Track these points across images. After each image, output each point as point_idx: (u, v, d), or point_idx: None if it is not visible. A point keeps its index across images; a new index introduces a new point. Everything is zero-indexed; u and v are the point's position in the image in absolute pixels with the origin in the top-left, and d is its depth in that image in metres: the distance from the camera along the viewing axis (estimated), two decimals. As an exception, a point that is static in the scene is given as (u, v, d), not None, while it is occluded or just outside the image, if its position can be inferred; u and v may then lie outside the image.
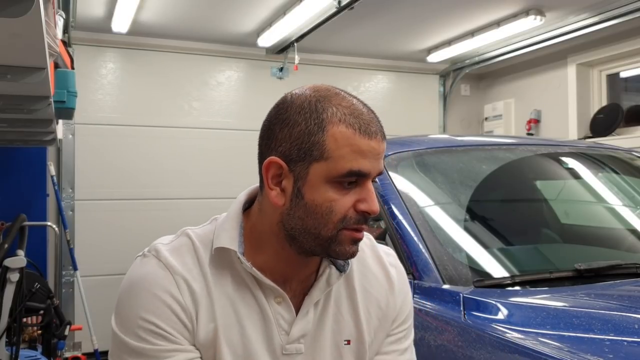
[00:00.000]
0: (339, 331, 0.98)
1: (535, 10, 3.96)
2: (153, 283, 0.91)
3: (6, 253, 2.73)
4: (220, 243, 0.93)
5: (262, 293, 0.94)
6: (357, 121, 0.89)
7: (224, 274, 0.93)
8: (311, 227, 0.89)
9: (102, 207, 4.42)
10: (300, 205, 0.89)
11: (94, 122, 4.43)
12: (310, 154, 0.88)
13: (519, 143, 2.33)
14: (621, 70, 4.57)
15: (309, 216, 0.89)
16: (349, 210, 0.89)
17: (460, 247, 1.69)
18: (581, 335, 1.21)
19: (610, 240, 1.98)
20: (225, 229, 0.95)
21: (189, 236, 0.97)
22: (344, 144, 0.87)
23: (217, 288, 0.92)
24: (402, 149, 2.09)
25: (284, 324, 0.94)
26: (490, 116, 5.43)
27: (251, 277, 0.93)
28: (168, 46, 4.62)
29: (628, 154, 2.36)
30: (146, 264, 0.94)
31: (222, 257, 0.94)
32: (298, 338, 0.95)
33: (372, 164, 0.89)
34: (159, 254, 0.94)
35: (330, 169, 0.87)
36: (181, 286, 0.91)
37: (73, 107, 2.62)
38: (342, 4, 3.58)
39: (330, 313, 0.98)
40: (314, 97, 0.91)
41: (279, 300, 0.94)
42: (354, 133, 0.88)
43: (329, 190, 0.88)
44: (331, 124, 0.88)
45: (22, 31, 1.17)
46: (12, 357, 2.85)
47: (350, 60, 5.19)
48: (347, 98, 0.92)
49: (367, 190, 0.90)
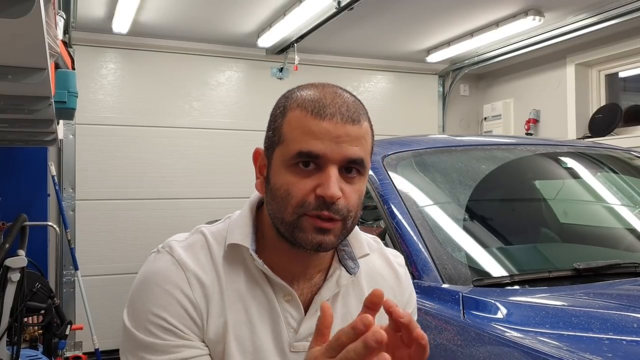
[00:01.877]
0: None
1: (534, 10, 3.97)
2: (165, 279, 0.92)
3: (7, 253, 2.74)
4: (232, 239, 0.94)
5: (272, 290, 0.94)
6: (313, 104, 0.89)
7: (236, 270, 0.95)
8: (277, 212, 0.91)
9: (102, 207, 4.43)
10: (269, 190, 0.93)
11: (95, 123, 4.43)
12: (274, 140, 0.92)
13: (518, 143, 2.33)
14: (620, 70, 4.57)
15: (274, 200, 0.91)
16: (308, 194, 0.88)
17: (459, 247, 1.70)
18: (580, 335, 1.22)
19: (609, 240, 1.99)
20: (238, 225, 0.96)
21: (203, 233, 0.98)
22: (295, 126, 0.89)
23: (229, 284, 0.93)
24: (402, 148, 2.10)
25: (293, 322, 0.95)
26: (489, 116, 5.44)
27: (262, 275, 0.94)
28: (168, 47, 4.62)
29: (627, 154, 2.37)
30: (159, 259, 0.95)
31: (234, 253, 0.95)
32: (306, 336, 0.95)
33: (327, 146, 0.87)
34: (173, 251, 0.95)
35: (284, 152, 0.89)
36: (192, 283, 0.92)
37: (74, 107, 2.62)
38: (341, 5, 3.59)
39: (338, 313, 0.98)
40: (294, 88, 0.95)
41: (288, 298, 0.95)
42: (306, 115, 0.89)
43: (287, 173, 0.89)
44: (290, 110, 0.91)
45: (22, 32, 1.17)
46: (13, 356, 2.85)
47: (350, 61, 5.20)
48: (323, 88, 0.93)
49: (326, 174, 0.87)
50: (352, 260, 1.00)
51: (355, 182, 0.91)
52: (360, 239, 1.02)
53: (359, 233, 1.02)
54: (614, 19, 3.87)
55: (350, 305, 1.00)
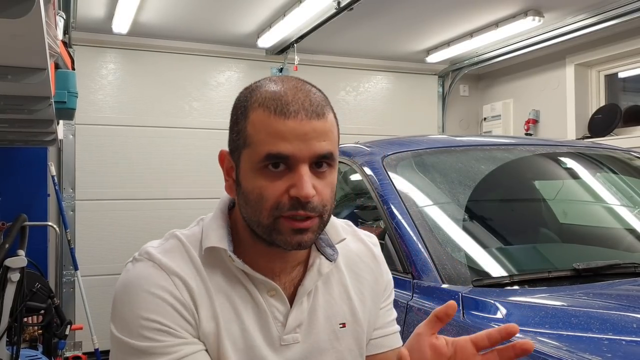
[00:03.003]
0: (333, 316, 0.99)
1: (533, 10, 3.97)
2: (150, 283, 0.90)
3: (7, 253, 2.74)
4: (209, 243, 0.93)
5: (256, 288, 0.94)
6: (275, 103, 0.87)
7: (217, 271, 0.93)
8: (252, 215, 0.90)
9: (102, 207, 4.43)
10: (240, 194, 0.92)
11: (95, 123, 4.43)
12: (239, 142, 0.90)
13: (518, 143, 2.33)
14: (619, 71, 4.58)
15: (247, 204, 0.90)
16: (281, 196, 0.87)
17: (459, 247, 1.70)
18: (579, 335, 1.22)
19: (609, 240, 1.99)
20: (212, 228, 0.95)
21: (177, 238, 0.96)
22: (260, 127, 0.87)
23: (214, 285, 0.92)
24: (401, 149, 2.10)
25: (279, 316, 0.95)
26: (489, 116, 5.44)
27: (243, 274, 0.94)
28: (168, 47, 4.62)
29: (626, 154, 2.37)
30: (139, 266, 0.92)
31: (213, 256, 0.93)
32: (294, 328, 0.95)
33: (295, 146, 0.85)
34: (152, 256, 0.92)
35: (252, 155, 0.87)
36: (179, 285, 0.90)
37: (74, 107, 2.62)
38: (341, 5, 3.59)
39: (322, 300, 0.99)
40: (253, 86, 0.93)
41: (272, 293, 0.94)
42: (269, 115, 0.86)
43: (258, 177, 0.88)
44: (252, 110, 0.89)
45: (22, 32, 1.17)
46: (13, 356, 2.85)
47: (349, 61, 5.20)
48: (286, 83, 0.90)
49: (297, 174, 0.86)
50: (330, 247, 1.00)
51: (327, 176, 0.90)
52: (335, 224, 1.02)
53: (332, 219, 1.00)
54: (613, 20, 3.88)
55: (332, 291, 1.01)
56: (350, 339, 1.01)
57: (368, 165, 2.01)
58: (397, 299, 1.57)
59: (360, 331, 1.02)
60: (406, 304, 1.53)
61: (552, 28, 4.24)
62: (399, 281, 1.63)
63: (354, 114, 5.25)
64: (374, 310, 1.06)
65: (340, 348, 0.99)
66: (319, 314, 0.98)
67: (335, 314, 1.00)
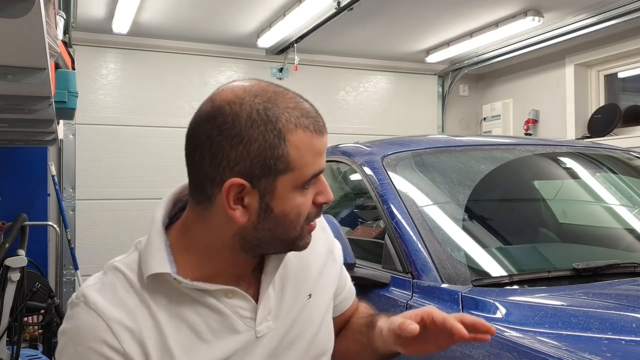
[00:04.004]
0: (299, 291, 1.01)
1: (533, 10, 3.97)
2: (86, 336, 0.84)
3: (7, 252, 2.74)
4: (150, 270, 0.88)
5: (211, 297, 0.91)
6: (310, 122, 0.86)
7: (165, 297, 0.89)
8: (281, 235, 0.89)
9: (102, 206, 4.43)
10: (269, 219, 0.87)
11: (95, 122, 4.44)
12: (275, 168, 0.84)
13: (517, 143, 2.34)
14: (619, 71, 4.58)
15: (279, 226, 0.88)
16: (310, 207, 0.90)
17: (458, 247, 1.70)
18: (579, 334, 1.22)
19: (608, 240, 1.99)
20: (150, 253, 0.89)
21: (117, 269, 0.91)
22: (305, 150, 0.85)
23: (164, 312, 0.88)
24: (401, 149, 2.10)
25: (246, 312, 0.93)
26: (489, 116, 5.45)
27: (193, 290, 0.90)
28: (168, 47, 4.63)
29: (626, 154, 2.37)
30: (76, 314, 0.87)
31: (157, 281, 0.88)
32: (265, 316, 0.95)
33: (324, 158, 0.89)
34: (87, 300, 0.86)
35: (297, 178, 0.86)
36: (117, 332, 0.84)
37: (74, 107, 2.62)
38: (341, 5, 3.60)
39: (286, 279, 1.00)
40: (259, 104, 0.85)
41: (230, 295, 0.92)
42: (312, 136, 0.86)
43: (296, 196, 0.87)
44: (289, 132, 0.84)
45: (22, 32, 1.17)
46: (13, 356, 2.85)
47: (349, 61, 5.20)
48: (288, 95, 0.88)
49: (322, 182, 0.90)
50: None
51: None
52: None
53: None
54: (613, 20, 3.88)
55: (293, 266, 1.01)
56: (318, 307, 1.03)
57: (368, 165, 2.01)
58: (397, 299, 1.57)
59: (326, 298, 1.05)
60: (406, 303, 1.53)
61: (552, 28, 4.24)
62: (399, 281, 1.63)
63: (353, 113, 5.26)
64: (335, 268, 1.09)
65: (313, 317, 1.01)
66: (287, 294, 0.99)
67: (301, 288, 1.01)
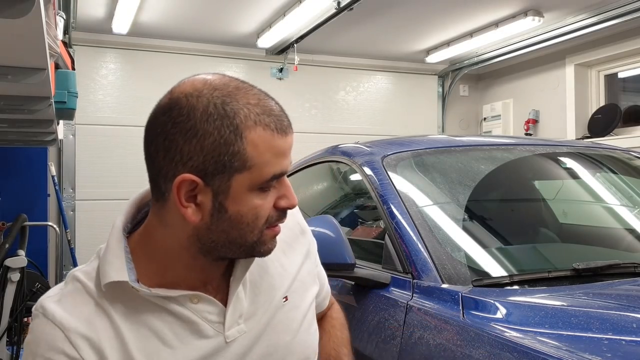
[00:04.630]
0: (273, 294, 0.97)
1: (533, 11, 3.97)
2: (45, 346, 0.83)
3: (7, 253, 2.74)
4: (108, 278, 0.85)
5: (175, 303, 0.87)
6: (272, 119, 0.82)
7: (124, 306, 0.86)
8: (236, 237, 0.85)
9: (102, 207, 4.43)
10: (223, 219, 0.83)
11: (95, 123, 4.44)
12: (230, 165, 0.80)
13: (517, 143, 2.33)
14: (619, 71, 4.58)
15: (234, 228, 0.84)
16: (271, 210, 0.85)
17: (459, 247, 1.70)
18: (579, 335, 1.22)
19: (609, 240, 1.99)
20: (108, 261, 0.87)
21: (77, 279, 0.88)
22: (264, 149, 0.81)
23: (124, 320, 0.85)
24: (401, 149, 2.10)
25: (213, 317, 0.89)
26: (489, 116, 5.45)
27: (155, 297, 0.86)
28: (168, 47, 4.63)
29: (626, 154, 2.37)
30: (35, 326, 0.85)
31: (115, 290, 0.85)
32: (236, 320, 0.91)
33: (288, 160, 0.85)
34: (46, 311, 0.85)
35: (254, 177, 0.82)
36: (76, 342, 0.82)
37: (74, 107, 2.62)
38: (341, 5, 3.60)
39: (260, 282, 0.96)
40: (216, 98, 0.81)
41: (195, 300, 0.88)
42: (272, 134, 0.82)
43: (253, 198, 0.83)
44: (247, 129, 0.80)
45: (22, 32, 1.17)
46: (13, 356, 2.86)
47: (349, 61, 5.20)
48: (251, 91, 0.85)
49: (285, 186, 0.86)
50: None
51: None
52: None
53: None
54: (613, 20, 3.88)
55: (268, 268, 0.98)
56: (295, 310, 0.99)
57: (368, 165, 2.00)
58: (397, 299, 1.57)
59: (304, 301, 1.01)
60: (406, 303, 1.53)
61: (552, 28, 4.25)
62: (399, 281, 1.63)
63: (353, 113, 5.26)
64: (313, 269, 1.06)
65: (288, 322, 0.97)
66: (260, 298, 0.95)
67: (276, 291, 0.97)
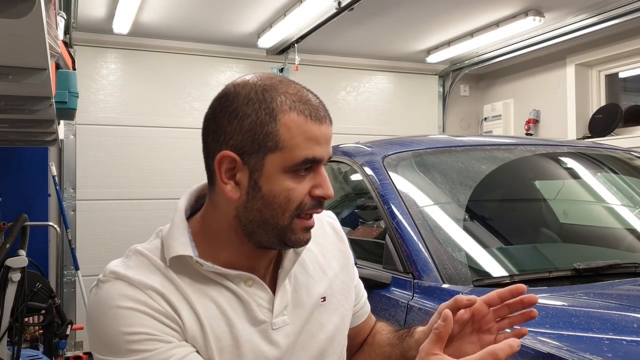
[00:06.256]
0: (314, 293, 1.02)
1: (534, 10, 3.97)
2: (125, 299, 0.86)
3: (8, 253, 2.74)
4: (174, 252, 0.90)
5: (232, 282, 0.93)
6: (307, 107, 0.89)
7: (188, 278, 0.91)
8: (269, 218, 0.90)
9: (103, 207, 4.43)
10: (257, 197, 0.89)
11: (95, 123, 4.44)
12: (264, 145, 0.87)
13: (518, 143, 2.33)
14: (620, 71, 4.58)
15: (267, 207, 0.89)
16: (305, 197, 0.90)
17: (459, 247, 1.70)
18: (580, 335, 1.22)
19: (609, 240, 1.99)
20: (174, 237, 0.92)
21: (140, 253, 0.93)
22: (297, 132, 0.87)
23: (190, 289, 0.90)
24: (402, 149, 2.10)
25: (263, 303, 0.95)
26: (490, 116, 5.44)
27: (215, 274, 0.92)
28: (169, 47, 4.63)
29: (627, 154, 2.37)
30: (108, 288, 0.88)
31: (180, 265, 0.91)
32: (281, 310, 0.96)
33: (324, 150, 0.90)
34: (119, 275, 0.89)
35: (286, 159, 0.87)
36: (154, 297, 0.87)
37: (74, 107, 2.62)
38: (342, 5, 3.59)
39: (301, 279, 1.01)
40: (259, 87, 0.90)
41: (249, 283, 0.94)
42: (306, 120, 0.88)
43: (286, 179, 0.88)
44: (282, 113, 0.87)
45: (23, 32, 1.17)
46: (14, 356, 2.86)
47: (350, 61, 5.20)
48: (293, 85, 0.92)
49: (321, 175, 0.91)
50: None
51: None
52: None
53: None
54: (613, 20, 3.87)
55: (308, 268, 1.03)
56: (332, 312, 1.03)
57: (368, 165, 2.01)
58: (398, 299, 1.57)
59: (340, 303, 1.05)
60: (407, 303, 1.53)
61: (553, 28, 4.24)
62: (400, 281, 1.63)
63: (354, 114, 5.25)
64: (349, 281, 1.09)
65: (324, 322, 1.02)
66: (302, 293, 1.00)
67: (315, 290, 1.02)
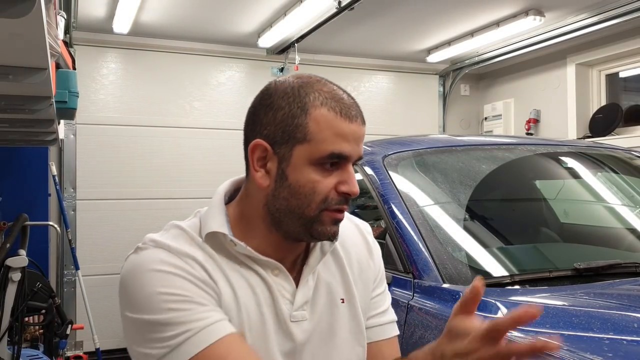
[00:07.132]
0: (334, 293, 1.04)
1: (534, 10, 3.97)
2: (163, 263, 0.89)
3: (8, 253, 2.74)
4: (210, 228, 0.95)
5: (261, 268, 0.96)
6: (338, 105, 0.92)
7: (223, 253, 0.95)
8: (295, 207, 0.93)
9: (103, 206, 4.43)
10: (284, 186, 0.93)
11: (96, 122, 4.44)
12: (293, 136, 0.91)
13: (519, 143, 2.33)
14: (620, 70, 4.57)
15: (293, 197, 0.92)
16: (330, 191, 0.93)
17: (460, 247, 1.70)
18: (580, 334, 1.22)
19: (610, 240, 1.99)
20: (211, 215, 0.97)
21: (179, 227, 0.98)
22: (325, 126, 0.91)
23: (225, 264, 0.94)
24: (402, 148, 2.10)
25: (286, 294, 0.98)
26: (490, 116, 5.44)
27: (246, 257, 0.96)
28: (169, 47, 4.62)
29: (627, 154, 2.37)
30: (149, 253, 0.92)
31: (214, 241, 0.95)
32: (302, 305, 0.99)
33: (352, 147, 0.93)
34: (158, 243, 0.93)
35: (313, 151, 0.91)
36: (193, 265, 0.91)
37: (74, 107, 2.62)
38: (342, 5, 3.59)
39: (323, 278, 1.03)
40: (296, 83, 0.94)
41: (276, 272, 0.97)
42: (335, 116, 0.91)
43: (311, 172, 0.92)
44: (313, 107, 0.92)
45: (23, 31, 1.17)
46: (14, 356, 2.86)
47: (350, 61, 5.20)
48: (328, 84, 0.96)
49: (348, 172, 0.94)
50: None
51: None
52: None
53: None
54: (614, 19, 3.87)
55: (331, 268, 1.05)
56: (349, 315, 1.05)
57: (369, 164, 2.01)
58: (398, 299, 1.57)
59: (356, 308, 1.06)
60: (407, 303, 1.53)
61: (553, 27, 4.24)
62: (400, 281, 1.63)
63: (354, 113, 5.25)
64: (365, 295, 1.09)
65: (341, 323, 1.03)
66: (322, 292, 1.02)
67: (336, 291, 1.04)
